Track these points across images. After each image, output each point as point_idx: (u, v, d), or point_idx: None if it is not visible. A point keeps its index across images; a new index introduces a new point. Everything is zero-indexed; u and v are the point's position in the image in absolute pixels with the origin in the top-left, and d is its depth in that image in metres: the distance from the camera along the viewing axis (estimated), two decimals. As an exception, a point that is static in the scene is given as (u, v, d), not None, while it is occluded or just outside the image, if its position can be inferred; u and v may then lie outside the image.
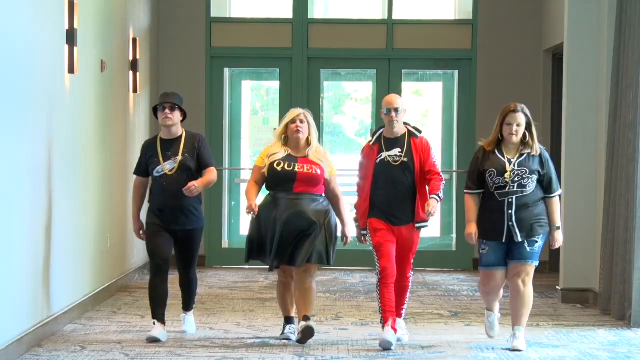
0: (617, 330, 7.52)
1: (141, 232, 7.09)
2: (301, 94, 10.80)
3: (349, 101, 12.11)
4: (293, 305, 6.93)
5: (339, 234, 6.92)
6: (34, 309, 6.77)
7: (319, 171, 6.77)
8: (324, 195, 6.86)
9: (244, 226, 10.59)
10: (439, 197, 6.74)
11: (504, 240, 6.56)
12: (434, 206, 6.70)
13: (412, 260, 6.95)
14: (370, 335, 7.23)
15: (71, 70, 7.47)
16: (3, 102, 6.14)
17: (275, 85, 11.32)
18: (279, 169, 6.74)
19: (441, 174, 6.86)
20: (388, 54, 10.99)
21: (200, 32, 10.94)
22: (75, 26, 7.47)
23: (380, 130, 6.96)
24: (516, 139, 6.59)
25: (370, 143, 6.94)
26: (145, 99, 10.23)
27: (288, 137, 6.83)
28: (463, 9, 11.27)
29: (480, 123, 10.86)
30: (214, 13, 11.04)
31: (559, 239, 6.69)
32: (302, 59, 10.95)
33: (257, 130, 11.48)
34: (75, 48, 7.48)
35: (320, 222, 6.70)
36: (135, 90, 9.67)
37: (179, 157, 6.90)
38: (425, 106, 11.99)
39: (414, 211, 6.78)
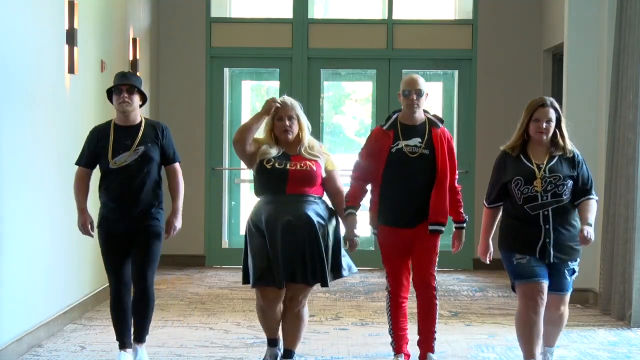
0: (617, 330, 7.53)
1: (89, 226, 6.00)
2: (301, 94, 10.79)
3: (349, 101, 12.11)
4: (279, 325, 5.93)
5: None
6: (34, 308, 6.77)
7: (314, 167, 5.78)
8: (322, 198, 5.88)
9: (244, 226, 10.66)
10: (464, 224, 5.98)
11: (537, 256, 5.58)
12: (462, 240, 5.99)
13: (434, 270, 5.96)
14: (370, 335, 7.23)
15: (71, 70, 7.48)
16: (3, 102, 6.15)
17: (275, 85, 11.32)
18: (268, 166, 5.76)
19: (457, 181, 5.99)
20: (388, 54, 10.99)
21: (200, 32, 10.94)
22: (75, 26, 7.47)
23: (395, 115, 5.99)
24: (546, 138, 5.63)
25: (384, 127, 5.95)
26: (145, 99, 10.21)
27: (275, 134, 5.88)
28: (463, 9, 11.27)
29: (480, 123, 10.86)
30: (214, 13, 11.04)
31: (590, 231, 5.53)
32: (302, 59, 10.95)
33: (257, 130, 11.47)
34: (75, 48, 7.48)
35: (319, 232, 5.71)
36: (135, 90, 9.67)
37: (141, 147, 5.93)
38: (425, 106, 11.97)
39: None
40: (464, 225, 6.00)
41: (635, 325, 7.59)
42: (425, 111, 6.00)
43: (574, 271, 5.69)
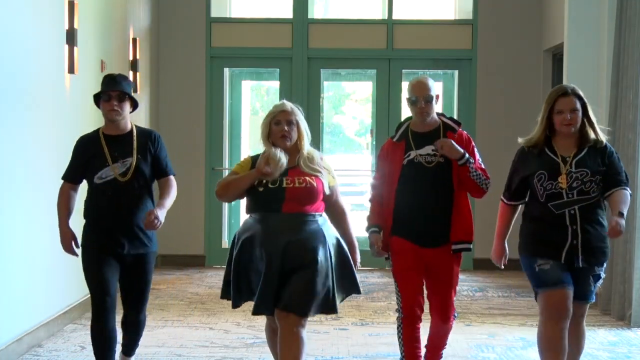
0: (617, 330, 7.53)
1: (73, 243, 5.43)
2: (301, 94, 10.80)
3: (349, 101, 12.11)
4: None
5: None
6: (34, 308, 6.77)
7: (314, 183, 5.06)
8: (322, 215, 5.15)
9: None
10: (472, 162, 5.19)
11: (562, 261, 4.95)
12: (448, 143, 5.13)
13: (454, 298, 5.32)
14: (370, 335, 7.23)
15: (71, 70, 7.48)
16: (3, 102, 6.15)
17: (275, 85, 11.32)
18: (260, 188, 5.03)
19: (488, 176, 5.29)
20: (388, 54, 10.99)
21: (200, 32, 10.94)
22: (75, 26, 7.47)
23: (406, 123, 5.38)
24: (574, 129, 4.99)
25: (394, 139, 5.33)
26: (145, 99, 10.23)
27: (272, 140, 5.21)
28: (463, 9, 11.27)
29: (480, 123, 10.86)
30: (214, 13, 11.04)
31: (622, 223, 4.85)
32: (302, 59, 10.95)
33: (257, 130, 11.45)
34: (75, 48, 7.48)
35: (320, 254, 4.97)
36: (135, 90, 9.68)
37: (132, 160, 5.32)
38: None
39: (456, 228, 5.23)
40: (469, 159, 5.21)
41: (635, 325, 7.59)
42: (440, 114, 5.39)
43: (599, 277, 5.07)
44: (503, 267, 5.30)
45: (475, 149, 5.37)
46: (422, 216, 5.21)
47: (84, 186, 5.53)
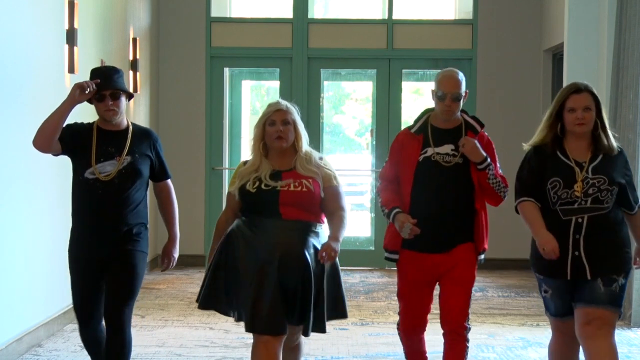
0: (617, 330, 7.48)
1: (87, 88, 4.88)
2: (301, 94, 10.80)
3: (349, 101, 12.11)
4: None
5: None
6: (34, 308, 6.77)
7: (311, 187, 4.70)
8: (322, 226, 4.79)
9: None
10: (492, 168, 4.80)
11: (569, 278, 4.59)
12: (472, 143, 4.75)
13: (469, 304, 5.03)
14: (370, 335, 7.23)
15: (71, 70, 7.48)
16: (3, 101, 6.15)
17: (275, 85, 11.32)
18: (252, 190, 4.68)
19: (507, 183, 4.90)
20: (388, 54, 10.99)
21: (200, 32, 10.94)
22: (75, 26, 7.47)
23: (426, 115, 4.98)
24: (587, 128, 4.58)
25: (412, 130, 4.92)
26: (145, 99, 10.23)
27: (267, 143, 4.80)
28: (463, 9, 11.28)
29: (480, 123, 10.86)
30: (214, 13, 11.04)
31: None
32: (302, 59, 10.95)
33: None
34: (75, 48, 7.48)
35: (314, 273, 4.64)
36: (135, 90, 9.68)
37: (127, 158, 4.90)
38: (425, 106, 11.93)
39: (471, 231, 4.86)
40: (487, 159, 4.81)
41: (635, 325, 7.59)
42: (463, 111, 4.94)
43: (613, 280, 4.57)
44: (555, 256, 4.57)
45: (495, 155, 4.94)
46: (435, 219, 4.79)
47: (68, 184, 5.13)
